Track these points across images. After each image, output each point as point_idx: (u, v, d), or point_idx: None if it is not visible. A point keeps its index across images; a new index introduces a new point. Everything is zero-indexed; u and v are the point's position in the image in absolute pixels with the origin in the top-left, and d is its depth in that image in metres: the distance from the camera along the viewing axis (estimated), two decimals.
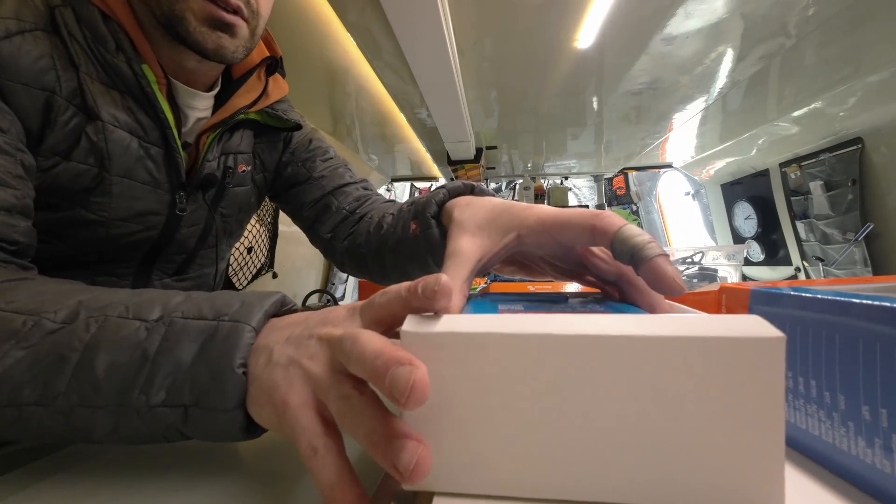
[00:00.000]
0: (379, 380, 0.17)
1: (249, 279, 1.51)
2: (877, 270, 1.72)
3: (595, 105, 1.88)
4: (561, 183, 3.48)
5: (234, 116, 0.50)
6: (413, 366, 0.16)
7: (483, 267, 0.30)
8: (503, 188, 3.94)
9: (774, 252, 2.40)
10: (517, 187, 3.18)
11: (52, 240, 0.42)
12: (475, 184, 0.38)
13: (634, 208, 4.21)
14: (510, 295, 0.33)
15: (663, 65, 1.44)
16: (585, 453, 0.17)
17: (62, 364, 0.23)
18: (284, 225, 1.70)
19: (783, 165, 2.14)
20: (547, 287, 0.88)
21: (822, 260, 1.99)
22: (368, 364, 0.17)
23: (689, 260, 1.64)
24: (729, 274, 1.68)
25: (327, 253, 0.60)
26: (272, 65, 0.54)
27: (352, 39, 1.22)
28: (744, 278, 2.10)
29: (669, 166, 3.11)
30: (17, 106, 0.36)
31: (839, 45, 1.28)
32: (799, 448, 0.23)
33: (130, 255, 0.49)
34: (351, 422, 0.18)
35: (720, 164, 2.63)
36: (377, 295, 0.22)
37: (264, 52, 0.53)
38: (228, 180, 0.53)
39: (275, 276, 1.70)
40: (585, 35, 1.25)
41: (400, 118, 1.92)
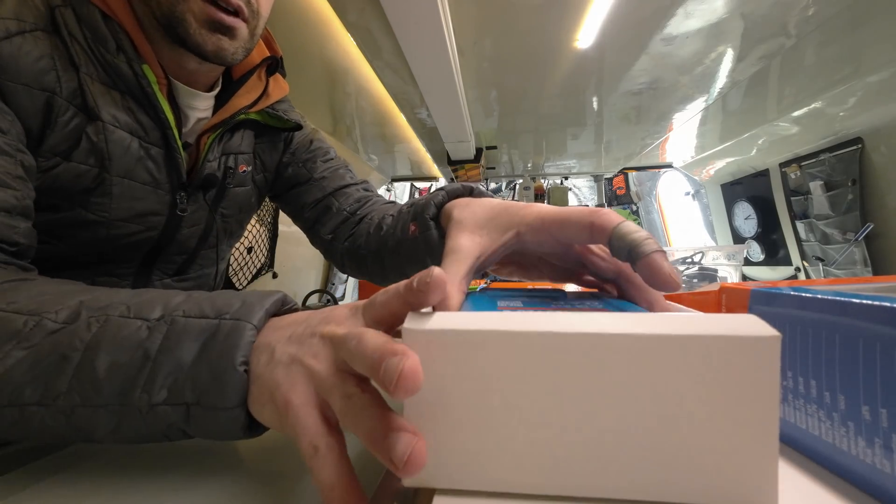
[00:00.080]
0: (375, 372, 0.17)
1: (249, 279, 1.51)
2: (877, 270, 1.72)
3: (595, 105, 1.88)
4: (561, 183, 3.48)
5: (235, 117, 0.50)
6: (404, 355, 0.17)
7: (482, 265, 0.30)
8: (503, 188, 3.94)
9: (774, 252, 2.40)
10: (517, 187, 3.18)
11: (53, 240, 0.42)
12: (474, 186, 0.38)
13: (634, 208, 4.21)
14: (509, 291, 0.33)
15: (663, 65, 1.44)
16: (583, 450, 0.17)
17: (63, 364, 0.23)
18: (284, 225, 1.71)
19: (783, 165, 2.14)
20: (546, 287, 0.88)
21: (822, 260, 1.99)
22: (368, 359, 0.18)
23: (689, 260, 1.64)
24: (729, 274, 1.68)
25: (328, 254, 0.60)
26: (272, 65, 0.54)
27: (352, 39, 1.22)
28: (744, 278, 2.09)
29: (669, 166, 3.11)
30: (18, 106, 0.36)
31: (839, 45, 1.28)
32: (799, 448, 0.23)
33: (131, 256, 0.49)
34: (353, 419, 0.18)
35: (720, 164, 2.63)
36: (378, 294, 0.22)
37: (264, 52, 0.53)
38: (229, 180, 0.53)
39: (275, 276, 1.70)
40: (585, 35, 1.25)
41: (400, 118, 1.92)
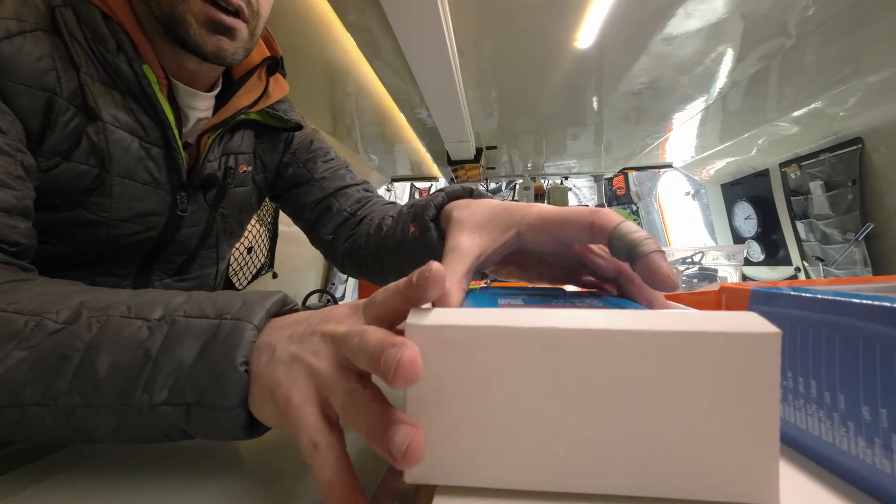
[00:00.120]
0: (376, 363, 0.17)
1: (249, 279, 1.51)
2: (877, 270, 1.72)
3: (595, 105, 1.88)
4: (561, 183, 3.48)
5: (235, 117, 0.50)
6: (403, 345, 0.17)
7: (482, 264, 0.30)
8: (503, 188, 3.94)
9: (774, 252, 2.40)
10: (517, 187, 3.18)
11: (53, 240, 0.42)
12: (473, 187, 0.38)
13: (634, 208, 4.21)
14: (510, 290, 0.33)
15: (663, 65, 1.44)
16: (584, 446, 0.17)
17: (64, 364, 0.23)
18: (284, 225, 1.71)
19: (783, 165, 2.14)
20: None
21: (822, 260, 1.98)
22: (369, 353, 0.18)
23: (689, 260, 1.64)
24: (729, 274, 1.67)
25: (328, 254, 0.60)
26: (273, 65, 0.54)
27: (352, 39, 1.22)
28: (744, 278, 2.09)
29: (669, 166, 3.11)
30: (18, 107, 0.36)
31: (839, 45, 1.28)
32: (799, 448, 0.23)
33: (131, 256, 0.49)
34: (354, 414, 0.18)
35: (720, 164, 2.63)
36: (378, 292, 0.22)
37: (265, 52, 0.53)
38: (229, 181, 0.53)
39: (275, 276, 1.70)
40: (585, 35, 1.25)
41: (400, 118, 1.92)
